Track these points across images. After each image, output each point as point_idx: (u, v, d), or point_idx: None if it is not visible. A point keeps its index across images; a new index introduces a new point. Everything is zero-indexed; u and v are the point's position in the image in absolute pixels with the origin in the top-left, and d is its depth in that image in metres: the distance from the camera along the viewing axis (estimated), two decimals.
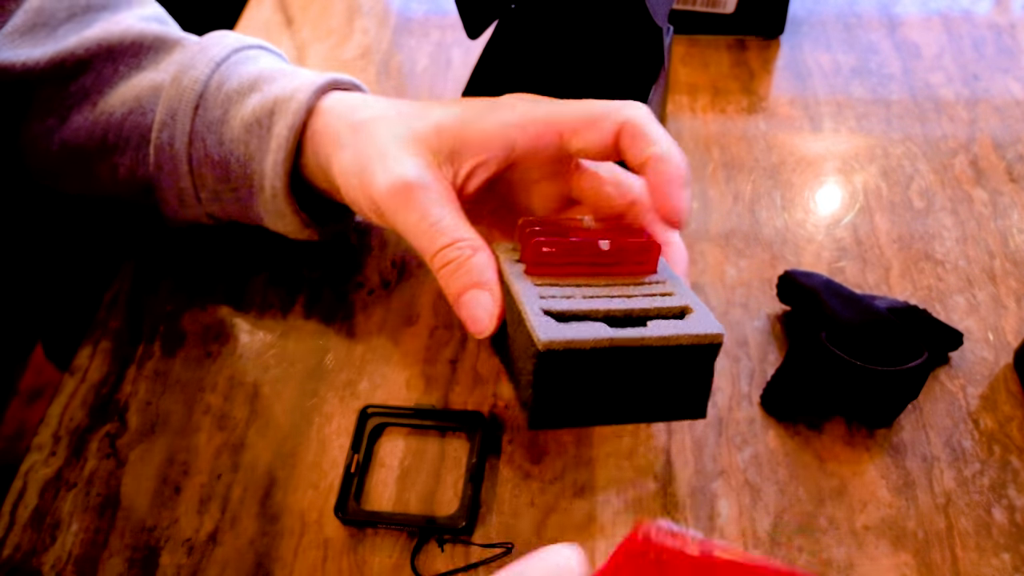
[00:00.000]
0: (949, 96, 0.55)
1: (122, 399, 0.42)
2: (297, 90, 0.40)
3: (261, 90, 0.40)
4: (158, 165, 0.42)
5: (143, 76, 0.42)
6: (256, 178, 0.41)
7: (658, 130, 0.35)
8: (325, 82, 0.40)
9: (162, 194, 0.43)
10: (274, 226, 0.43)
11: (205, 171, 0.42)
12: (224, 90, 0.41)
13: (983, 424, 0.39)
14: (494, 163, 0.37)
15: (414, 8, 0.65)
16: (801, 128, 0.53)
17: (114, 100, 0.42)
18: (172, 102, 0.41)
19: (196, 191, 0.42)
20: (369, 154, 0.37)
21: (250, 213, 0.43)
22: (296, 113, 0.39)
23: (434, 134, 0.37)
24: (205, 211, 0.44)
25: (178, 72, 0.41)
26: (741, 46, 0.59)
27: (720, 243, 0.47)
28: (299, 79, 0.40)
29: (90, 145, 0.43)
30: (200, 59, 0.41)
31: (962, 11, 0.61)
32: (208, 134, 0.41)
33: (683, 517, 0.37)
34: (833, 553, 0.35)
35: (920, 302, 0.43)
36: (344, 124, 0.39)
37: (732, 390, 0.41)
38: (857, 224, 0.48)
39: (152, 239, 0.49)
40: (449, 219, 0.35)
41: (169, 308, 0.46)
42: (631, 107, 0.36)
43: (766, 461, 0.38)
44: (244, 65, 0.42)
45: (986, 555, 0.35)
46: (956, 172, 0.50)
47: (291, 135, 0.39)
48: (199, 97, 0.41)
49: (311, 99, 0.39)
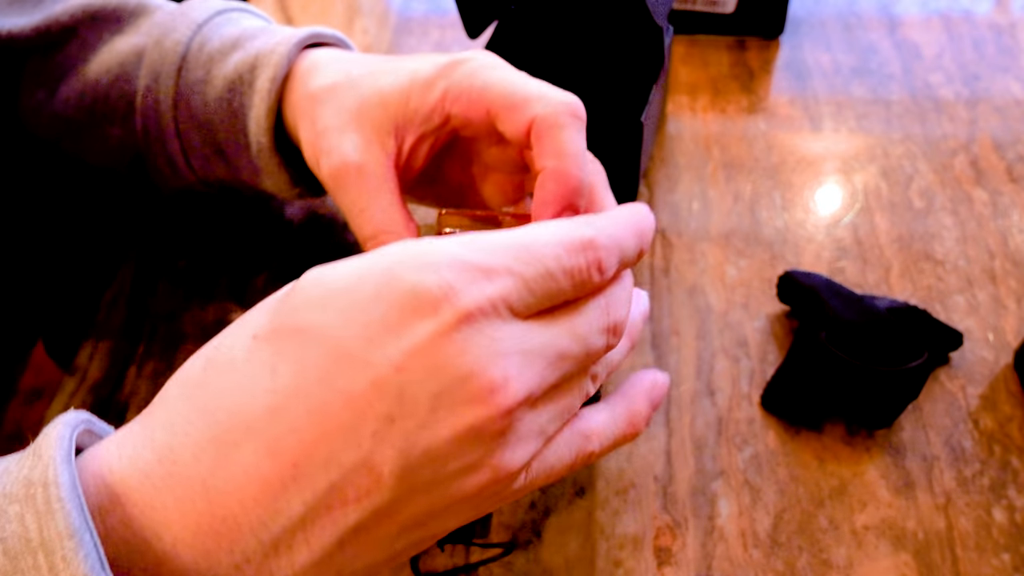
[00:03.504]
0: (949, 96, 0.55)
1: (122, 399, 0.42)
2: (279, 44, 0.39)
3: (243, 47, 0.40)
4: (145, 131, 0.41)
5: (125, 40, 0.42)
6: (242, 136, 0.40)
7: (566, 138, 0.31)
8: (306, 35, 0.40)
9: (153, 161, 0.43)
10: (264, 185, 0.42)
11: (192, 133, 0.41)
12: (206, 50, 0.40)
13: (983, 424, 0.39)
14: (433, 136, 0.36)
15: (414, 8, 0.65)
16: (801, 128, 0.53)
17: (98, 68, 0.42)
18: (155, 65, 0.40)
19: (185, 156, 0.42)
20: (317, 130, 0.36)
21: (240, 174, 0.42)
22: (277, 66, 0.38)
23: (379, 107, 0.35)
24: (198, 177, 0.43)
25: (160, 35, 0.41)
26: (741, 46, 0.59)
27: (720, 243, 0.47)
28: (280, 35, 0.40)
29: (79, 116, 0.42)
30: (181, 21, 0.41)
31: (962, 11, 0.61)
32: (192, 95, 0.40)
33: (683, 517, 0.37)
34: (833, 553, 0.35)
35: (920, 302, 0.43)
36: (304, 94, 0.38)
37: (732, 390, 0.41)
38: (857, 224, 0.48)
39: (152, 238, 0.49)
40: (377, 207, 0.35)
41: (169, 308, 0.46)
42: (548, 101, 0.31)
43: (766, 461, 0.38)
44: (226, 26, 0.41)
45: (986, 555, 0.35)
46: (956, 172, 0.50)
47: (273, 87, 0.38)
48: (182, 59, 0.40)
49: (292, 52, 0.39)
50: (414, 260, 0.23)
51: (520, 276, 0.23)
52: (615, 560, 0.36)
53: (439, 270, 0.22)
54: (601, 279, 0.25)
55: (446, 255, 0.23)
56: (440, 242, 0.23)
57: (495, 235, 0.24)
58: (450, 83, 0.34)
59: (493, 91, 0.33)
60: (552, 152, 0.31)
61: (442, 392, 0.22)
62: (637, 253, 0.27)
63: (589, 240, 0.25)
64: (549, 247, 0.24)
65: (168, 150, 0.42)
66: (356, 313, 0.22)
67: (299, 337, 0.22)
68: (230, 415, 0.22)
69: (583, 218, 0.26)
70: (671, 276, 0.46)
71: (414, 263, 0.23)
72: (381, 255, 0.23)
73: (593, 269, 0.25)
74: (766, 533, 0.36)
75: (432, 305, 0.22)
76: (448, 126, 0.35)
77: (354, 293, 0.22)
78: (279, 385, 0.22)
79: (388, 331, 0.22)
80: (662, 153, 0.52)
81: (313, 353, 0.22)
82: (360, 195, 0.35)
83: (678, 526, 0.36)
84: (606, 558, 0.36)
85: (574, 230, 0.25)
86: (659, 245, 0.47)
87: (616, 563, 0.36)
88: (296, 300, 0.23)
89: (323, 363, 0.22)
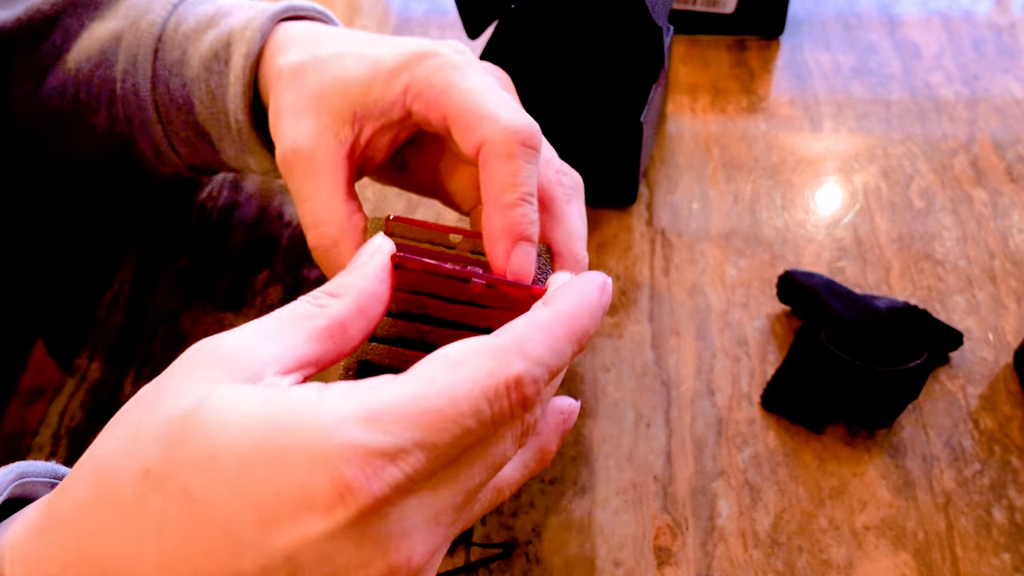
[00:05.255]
0: (949, 96, 0.55)
1: (122, 399, 0.42)
2: (252, 19, 0.38)
3: (218, 25, 0.39)
4: (127, 117, 0.41)
5: (103, 26, 0.41)
6: (222, 116, 0.39)
7: (510, 171, 0.29)
8: (280, 8, 0.39)
9: (138, 148, 0.42)
10: (247, 166, 0.42)
11: (173, 116, 0.40)
12: (182, 30, 0.40)
13: (983, 424, 0.39)
14: (395, 128, 0.34)
15: (414, 8, 0.65)
16: (801, 128, 0.53)
17: (79, 55, 0.41)
18: (132, 48, 0.40)
19: (169, 140, 0.41)
20: (277, 111, 0.35)
21: (223, 156, 0.42)
22: (251, 42, 0.37)
23: (339, 93, 0.34)
24: (185, 163, 0.43)
25: (136, 17, 0.40)
26: (741, 46, 0.59)
27: (720, 243, 0.47)
28: (255, 9, 0.39)
29: (64, 106, 0.42)
30: (156, 2, 0.40)
31: (962, 11, 0.61)
32: (171, 76, 0.40)
33: (683, 517, 0.37)
34: (833, 553, 0.35)
35: (920, 302, 0.43)
36: (273, 72, 0.37)
37: (732, 390, 0.41)
38: (857, 224, 0.48)
39: (152, 238, 0.49)
40: (321, 198, 0.33)
41: (169, 308, 0.46)
42: (500, 127, 0.29)
43: (766, 461, 0.38)
44: (202, 4, 0.41)
45: (986, 555, 0.35)
46: (956, 172, 0.50)
47: (248, 63, 0.37)
48: (157, 40, 0.40)
49: (265, 25, 0.38)
50: (310, 447, 0.20)
51: (432, 447, 0.21)
52: (615, 560, 0.36)
53: (336, 465, 0.20)
54: (526, 415, 0.23)
55: (345, 444, 0.20)
56: (341, 421, 0.20)
57: (406, 398, 0.21)
58: (412, 78, 0.33)
59: (450, 97, 0.31)
60: (496, 185, 0.29)
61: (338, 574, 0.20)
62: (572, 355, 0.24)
63: (515, 379, 0.22)
64: (468, 402, 0.21)
65: (152, 135, 0.41)
66: (246, 497, 0.20)
67: (187, 503, 0.20)
68: (119, 566, 0.21)
69: (514, 340, 0.23)
70: (671, 276, 0.46)
71: (309, 453, 0.20)
72: (278, 423, 0.21)
73: (518, 409, 0.22)
74: (766, 533, 0.36)
75: (325, 505, 0.20)
76: (410, 120, 0.34)
77: (245, 471, 0.20)
78: (166, 548, 0.20)
79: (279, 521, 0.20)
80: (662, 153, 0.52)
81: (201, 526, 0.20)
82: (305, 183, 0.34)
83: (678, 526, 0.36)
84: (606, 558, 0.36)
85: (498, 372, 0.22)
86: (659, 245, 0.47)
87: (616, 563, 0.36)
88: (188, 450, 0.21)
89: (211, 539, 0.20)
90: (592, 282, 0.26)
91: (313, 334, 0.24)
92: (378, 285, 0.26)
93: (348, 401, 0.21)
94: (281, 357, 0.23)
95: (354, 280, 0.25)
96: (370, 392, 0.21)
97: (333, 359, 0.25)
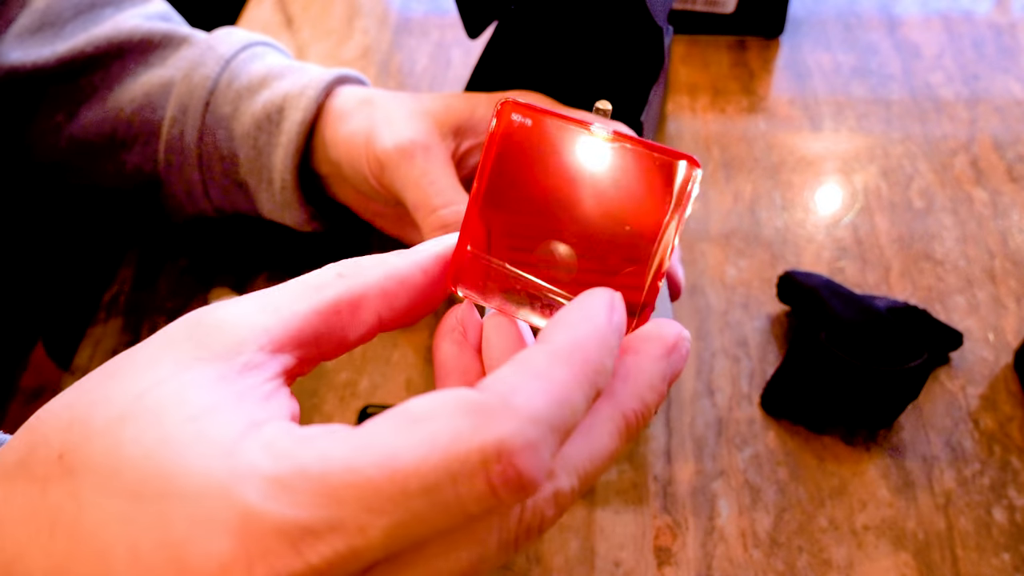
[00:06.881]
0: (949, 96, 0.55)
1: None
2: (307, 87, 0.41)
3: (271, 87, 0.42)
4: (168, 160, 0.43)
5: (152, 73, 0.44)
6: (265, 171, 0.42)
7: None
8: (333, 78, 0.42)
9: (170, 188, 0.44)
10: (280, 218, 0.44)
11: (214, 164, 0.43)
12: (234, 87, 0.42)
13: (983, 424, 0.39)
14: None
15: (414, 8, 0.65)
16: (801, 128, 0.53)
17: (123, 97, 0.43)
18: (183, 98, 0.42)
19: (204, 185, 0.44)
20: (378, 118, 0.38)
21: (257, 205, 0.44)
22: (307, 109, 0.40)
23: (443, 109, 0.38)
24: (214, 206, 0.45)
25: (189, 69, 0.43)
26: (741, 46, 0.59)
27: (720, 243, 0.47)
28: (308, 75, 0.42)
29: (98, 141, 0.44)
30: (209, 56, 0.43)
31: (962, 11, 0.61)
32: (219, 129, 0.42)
33: (683, 517, 0.37)
34: (833, 553, 0.35)
35: (920, 302, 0.43)
36: (355, 101, 0.40)
37: (732, 390, 0.41)
38: (857, 224, 0.48)
39: (152, 238, 0.49)
40: (447, 181, 0.36)
41: (169, 307, 0.46)
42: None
43: (766, 461, 0.38)
44: (252, 63, 0.43)
45: (986, 555, 0.35)
46: (956, 172, 0.50)
47: (301, 129, 0.40)
48: (210, 93, 0.42)
49: (320, 95, 0.41)
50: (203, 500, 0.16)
51: (356, 533, 0.16)
52: (615, 560, 0.36)
53: (219, 534, 0.16)
54: (520, 497, 0.16)
55: (239, 508, 0.16)
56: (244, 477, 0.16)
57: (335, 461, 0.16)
58: None
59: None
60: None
61: None
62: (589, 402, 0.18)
63: (496, 447, 0.16)
64: (417, 478, 0.16)
65: (188, 179, 0.43)
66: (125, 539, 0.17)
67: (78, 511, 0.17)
68: (8, 558, 0.18)
69: (497, 391, 0.17)
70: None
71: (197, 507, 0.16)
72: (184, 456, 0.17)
73: (505, 489, 0.16)
74: (766, 533, 0.36)
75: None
76: None
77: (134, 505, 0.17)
78: (54, 553, 0.17)
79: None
80: None
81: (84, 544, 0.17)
82: (428, 168, 0.36)
83: (678, 526, 0.36)
84: (606, 558, 0.36)
85: (470, 436, 0.16)
86: None
87: (616, 563, 0.36)
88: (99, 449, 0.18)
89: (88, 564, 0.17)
90: (596, 301, 0.19)
91: (319, 307, 0.20)
92: (415, 272, 0.22)
93: (268, 450, 0.17)
94: (272, 330, 0.20)
95: (393, 259, 0.22)
96: (299, 444, 0.17)
97: (339, 343, 0.21)
